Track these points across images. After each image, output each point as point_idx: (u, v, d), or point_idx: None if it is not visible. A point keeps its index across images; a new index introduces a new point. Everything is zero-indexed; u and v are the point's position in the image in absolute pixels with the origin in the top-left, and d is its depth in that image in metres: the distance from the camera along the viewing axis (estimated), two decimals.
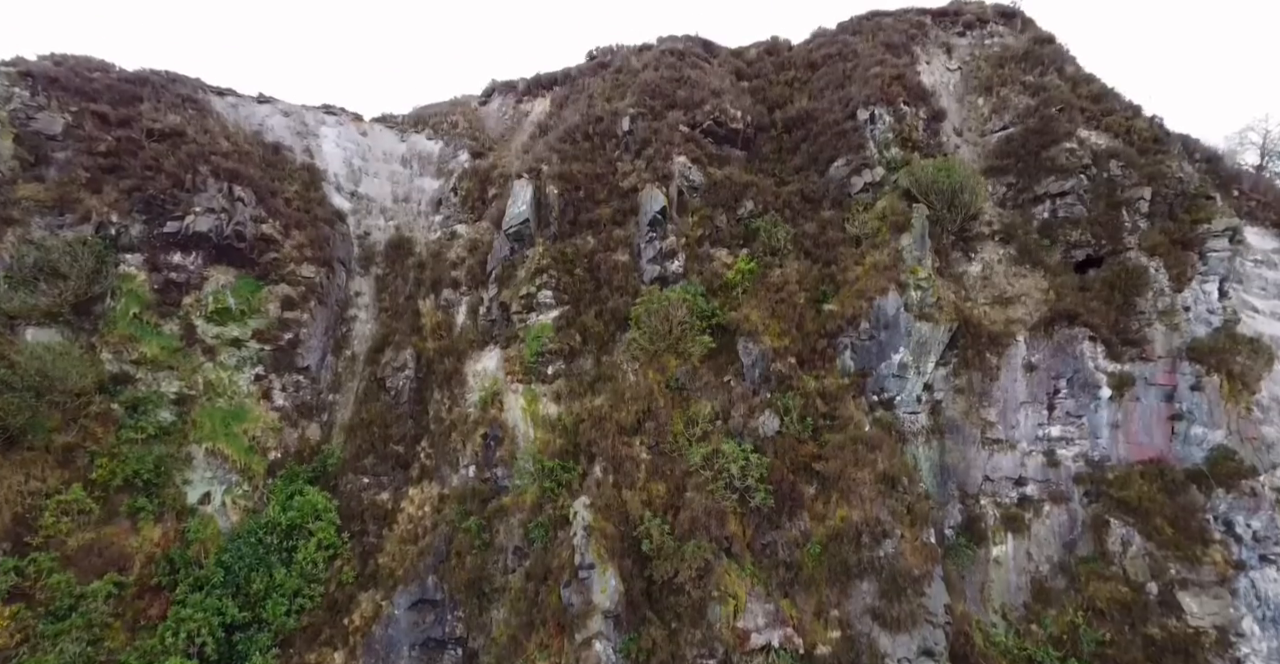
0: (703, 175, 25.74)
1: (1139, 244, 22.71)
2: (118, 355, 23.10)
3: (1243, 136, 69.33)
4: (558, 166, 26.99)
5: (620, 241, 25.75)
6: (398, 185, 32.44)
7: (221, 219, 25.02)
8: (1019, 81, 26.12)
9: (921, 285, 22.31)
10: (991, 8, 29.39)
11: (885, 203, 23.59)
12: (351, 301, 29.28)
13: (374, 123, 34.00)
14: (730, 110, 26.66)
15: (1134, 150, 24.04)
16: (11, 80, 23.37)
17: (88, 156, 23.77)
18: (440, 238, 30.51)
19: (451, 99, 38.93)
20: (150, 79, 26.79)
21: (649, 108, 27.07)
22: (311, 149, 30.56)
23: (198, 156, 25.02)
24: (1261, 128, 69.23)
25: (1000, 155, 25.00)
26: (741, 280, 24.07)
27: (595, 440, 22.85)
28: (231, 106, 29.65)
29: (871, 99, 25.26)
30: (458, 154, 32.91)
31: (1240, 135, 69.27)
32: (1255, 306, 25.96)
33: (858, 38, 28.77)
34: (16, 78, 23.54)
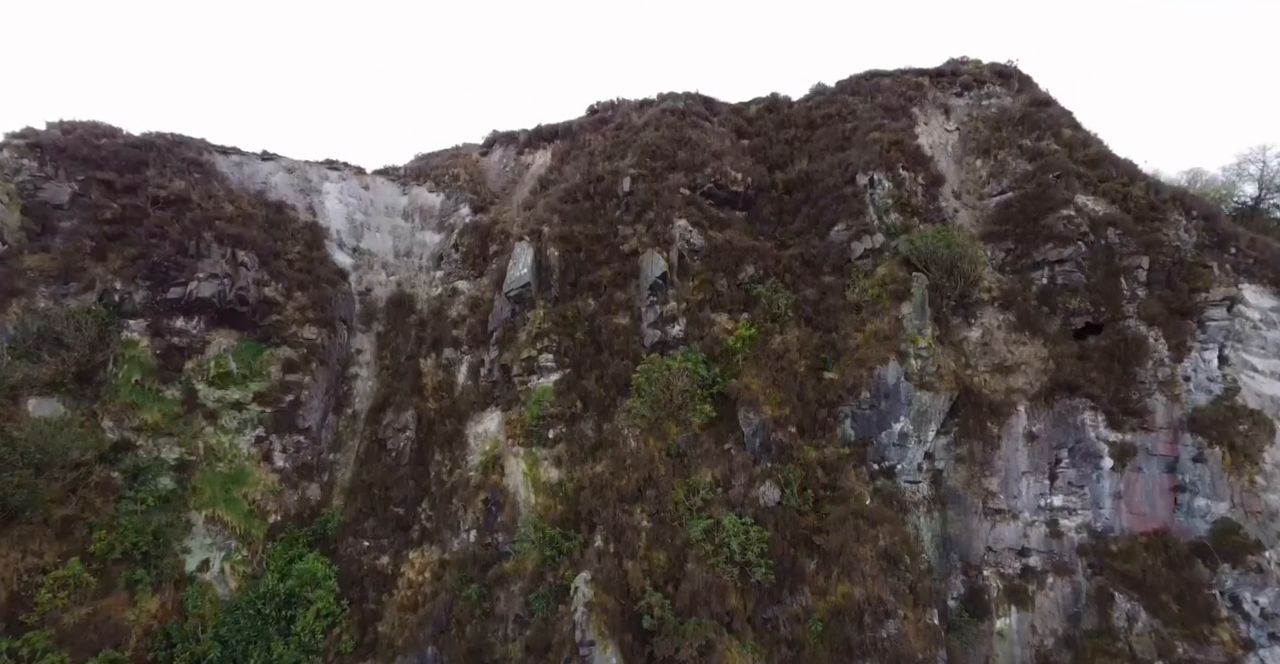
0: (703, 238, 25.89)
1: (1138, 313, 22.76)
2: (119, 423, 23.12)
3: (1241, 168, 69.56)
4: (559, 228, 27.16)
5: (621, 304, 25.83)
6: (399, 239, 32.64)
7: (224, 284, 25.16)
8: (1016, 145, 26.36)
9: (922, 354, 22.36)
10: (988, 68, 29.73)
11: (885, 270, 23.70)
12: (353, 359, 29.33)
13: (376, 175, 34.29)
14: (731, 172, 26.89)
15: (1131, 217, 24.20)
16: (21, 152, 23.65)
17: (93, 224, 23.98)
18: (441, 294, 30.64)
19: (454, 148, 39.29)
20: (156, 143, 27.08)
21: (650, 169, 27.30)
22: (314, 206, 30.79)
23: (202, 223, 25.23)
24: (1259, 159, 69.42)
25: (999, 220, 25.15)
26: (742, 347, 24.10)
27: (596, 509, 22.80)
28: (236, 165, 29.94)
29: (871, 164, 25.49)
30: (459, 207, 33.15)
31: (1239, 167, 69.58)
32: (1255, 366, 25.92)
33: (857, 98, 29.08)
34: (26, 150, 23.82)
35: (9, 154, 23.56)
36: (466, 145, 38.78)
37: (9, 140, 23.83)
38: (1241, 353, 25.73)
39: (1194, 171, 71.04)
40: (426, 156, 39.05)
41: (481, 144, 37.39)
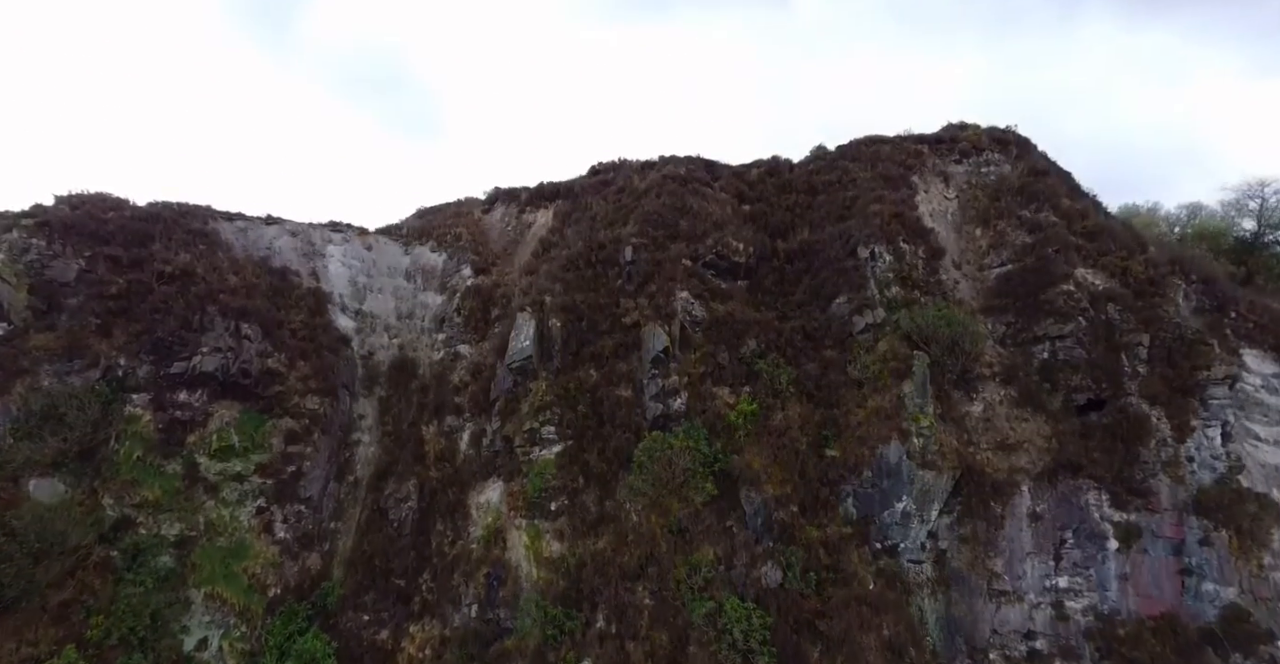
0: (705, 310, 26.02)
1: (1139, 391, 22.77)
2: (119, 500, 23.09)
3: (1240, 204, 69.75)
4: (561, 297, 27.31)
5: (623, 376, 25.87)
6: (401, 301, 32.82)
7: (228, 357, 25.27)
8: (1016, 215, 26.56)
9: (924, 433, 22.34)
10: (986, 133, 30.03)
11: (886, 346, 23.75)
12: (355, 425, 29.33)
13: (379, 235, 34.57)
14: (732, 243, 27.09)
15: (1130, 292, 24.32)
16: (30, 232, 23.93)
17: (99, 301, 24.17)
18: (443, 358, 30.73)
19: (456, 203, 39.68)
20: (162, 215, 27.39)
21: (652, 238, 27.50)
22: (317, 271, 31.02)
23: (205, 296, 25.43)
24: (1258, 194, 69.65)
25: (999, 294, 25.26)
26: (744, 423, 24.10)
27: (599, 587, 22.72)
28: (240, 231, 30.22)
29: (872, 237, 25.66)
30: (461, 268, 33.38)
31: (1238, 203, 69.78)
32: (1258, 434, 25.82)
33: (857, 165, 29.35)
34: (35, 229, 24.11)
35: (18, 234, 23.82)
36: (468, 200, 39.14)
37: (18, 220, 24.10)
38: (1244, 421, 25.65)
39: (1194, 206, 70.93)
40: (428, 212, 39.42)
41: (483, 201, 37.74)
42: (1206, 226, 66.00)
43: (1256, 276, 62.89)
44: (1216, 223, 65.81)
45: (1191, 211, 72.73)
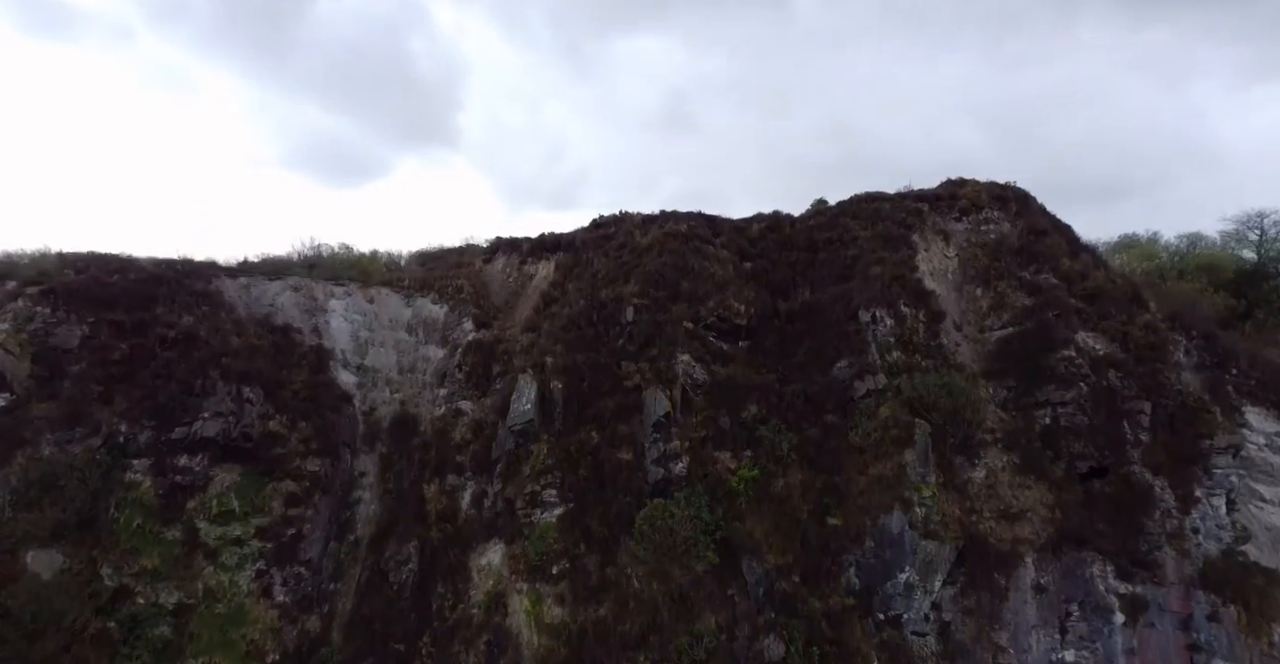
0: (706, 373, 26.06)
1: (1142, 459, 22.67)
2: (118, 570, 22.99)
3: (1239, 234, 69.93)
4: (562, 358, 27.38)
5: (624, 438, 25.84)
6: (403, 355, 32.88)
7: (229, 422, 25.31)
8: (1016, 276, 26.64)
9: (926, 503, 22.22)
10: (986, 190, 30.20)
11: (887, 412, 23.71)
12: (356, 482, 29.24)
13: (381, 287, 34.73)
14: (734, 304, 27.19)
15: (1131, 358, 24.31)
16: (35, 300, 24.12)
17: (101, 366, 24.26)
18: (445, 414, 30.70)
19: (458, 249, 39.95)
20: (166, 276, 27.58)
21: (653, 298, 27.61)
22: (319, 327, 31.12)
23: (208, 360, 25.51)
24: (1256, 225, 69.81)
25: (1000, 357, 25.26)
26: (745, 489, 24.04)
27: (600, 657, 22.55)
28: (244, 288, 30.38)
29: (873, 300, 25.75)
30: (462, 322, 33.48)
31: (1237, 233, 69.95)
32: (1262, 495, 25.67)
33: (857, 222, 29.50)
34: (40, 297, 24.30)
35: (23, 303, 23.99)
36: (469, 248, 39.37)
37: (22, 289, 24.27)
38: (1248, 481, 25.51)
39: (1193, 236, 71.12)
40: (429, 258, 39.65)
41: (484, 250, 37.97)
42: (1206, 260, 65.99)
43: (1257, 310, 62.77)
44: (1216, 254, 65.86)
45: (1190, 241, 72.81)
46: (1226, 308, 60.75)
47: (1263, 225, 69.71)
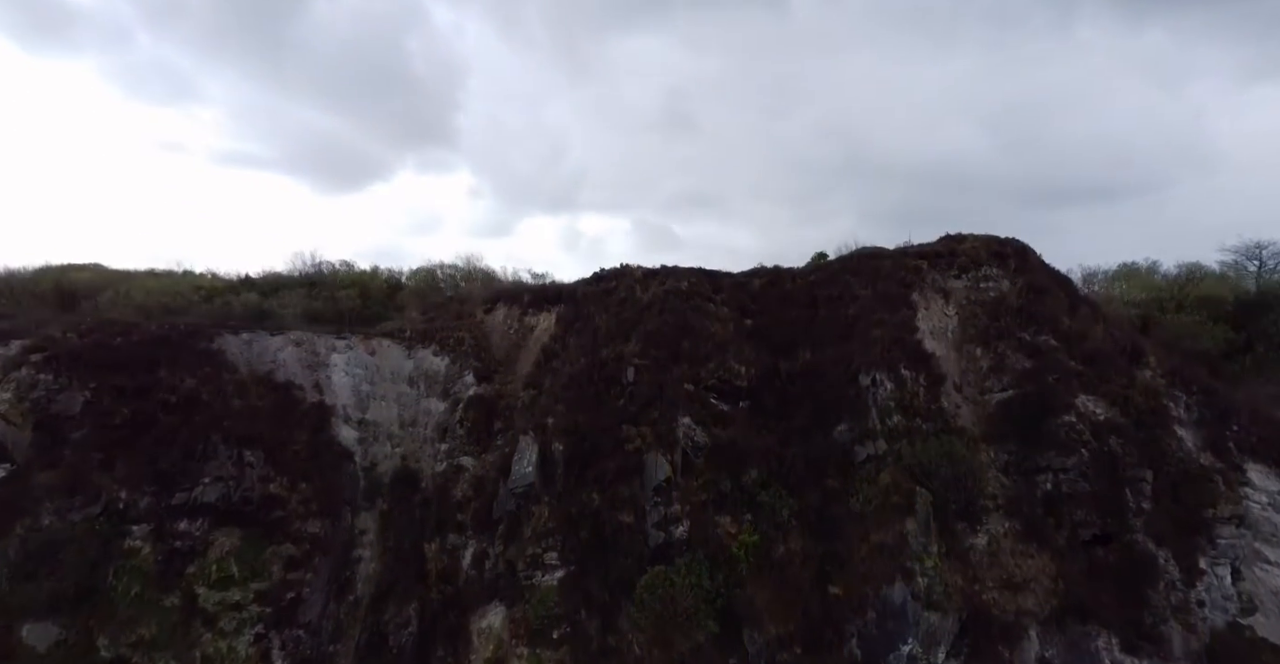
0: (707, 436, 26.08)
1: (1145, 528, 22.61)
2: (115, 641, 22.79)
3: (1238, 265, 70.03)
4: (563, 419, 27.42)
5: (625, 501, 25.77)
6: (404, 408, 32.89)
7: (229, 486, 25.30)
8: (1016, 337, 26.73)
9: (929, 573, 22.11)
10: (984, 246, 30.39)
11: (888, 478, 23.68)
12: (356, 540, 29.10)
13: (383, 339, 34.83)
14: (734, 366, 27.30)
15: (1132, 423, 24.33)
16: (38, 367, 24.19)
17: (103, 432, 24.28)
18: (446, 470, 30.66)
19: (459, 296, 40.16)
20: (169, 337, 27.70)
21: (653, 359, 27.70)
22: (321, 383, 31.18)
23: (209, 424, 25.57)
24: (1255, 255, 69.96)
25: (1001, 420, 25.28)
26: (746, 555, 23.95)
27: None
28: (246, 344, 30.47)
29: (873, 363, 25.83)
30: (464, 375, 33.54)
31: (1236, 264, 70.07)
32: (1267, 557, 25.57)
33: (857, 281, 29.64)
34: (43, 364, 24.38)
35: (27, 371, 24.07)
36: (471, 297, 39.56)
37: (26, 356, 24.36)
38: (1252, 542, 25.43)
39: (1193, 267, 71.28)
40: (430, 308, 39.82)
41: (485, 300, 38.12)
42: (1205, 292, 66.05)
43: (1256, 344, 62.77)
44: (1215, 287, 65.93)
45: (1191, 272, 72.99)
46: (1226, 341, 60.64)
47: (1261, 256, 69.86)
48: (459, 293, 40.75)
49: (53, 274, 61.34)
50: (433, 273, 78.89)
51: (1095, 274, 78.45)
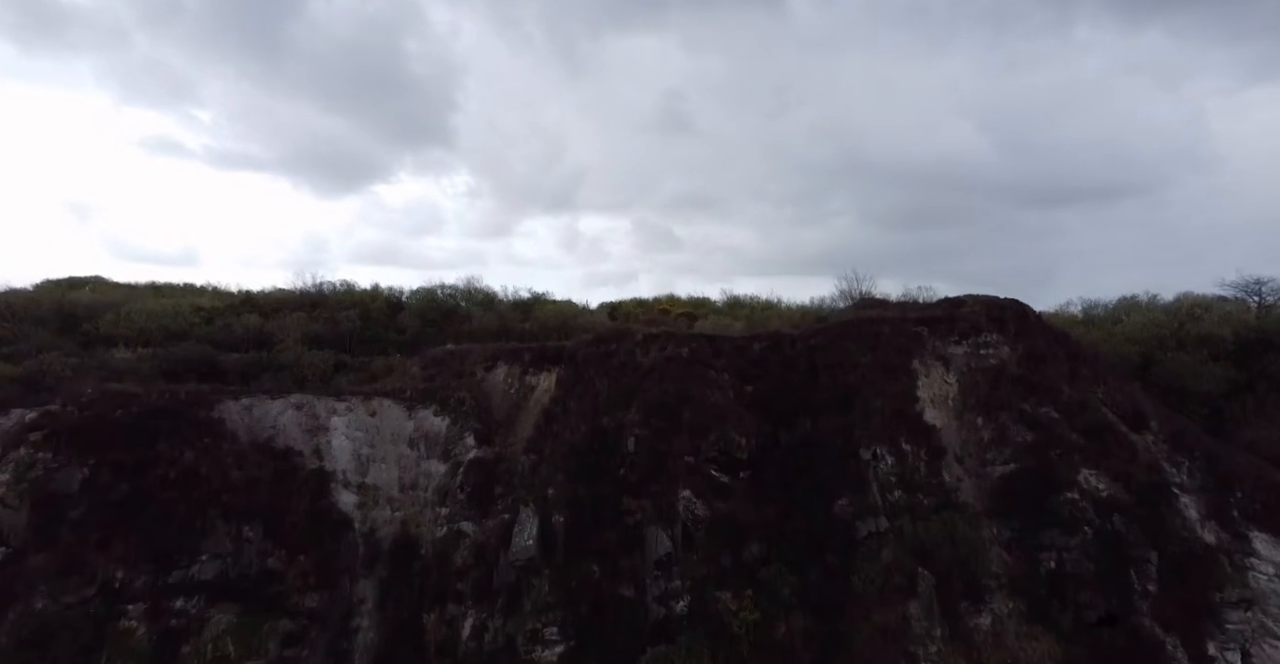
0: (708, 509, 25.96)
1: (1151, 611, 22.39)
2: None
3: (1239, 300, 70.23)
4: (564, 489, 27.40)
5: (626, 574, 25.63)
6: (405, 471, 32.74)
7: (227, 562, 25.13)
8: (1017, 408, 26.72)
9: (932, 658, 21.89)
10: (984, 310, 30.47)
11: (890, 557, 23.56)
12: (355, 610, 28.78)
13: (383, 399, 34.81)
14: (735, 437, 27.24)
15: (1135, 500, 24.20)
16: (38, 446, 24.13)
17: (101, 511, 24.15)
18: (446, 535, 30.44)
19: (460, 353, 40.09)
20: (169, 408, 27.65)
21: (654, 429, 27.68)
22: (321, 448, 31.09)
23: (208, 500, 25.48)
24: (1255, 291, 70.10)
25: (1003, 495, 25.17)
26: (746, 633, 23.71)
27: None
28: (245, 410, 30.44)
29: (874, 437, 25.84)
30: (464, 437, 33.44)
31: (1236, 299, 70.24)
32: (1274, 632, 25.24)
33: (857, 346, 29.66)
34: (42, 442, 24.32)
35: (25, 451, 24.01)
36: (472, 354, 39.48)
37: (26, 434, 24.33)
38: (1260, 616, 25.12)
39: (1195, 301, 71.80)
40: (431, 364, 39.74)
41: (485, 358, 38.12)
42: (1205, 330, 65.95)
43: (1258, 384, 62.58)
44: (1215, 325, 65.88)
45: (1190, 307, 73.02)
46: (1226, 380, 60.47)
47: (1260, 292, 70.13)
48: (460, 348, 40.71)
49: (53, 293, 61.34)
50: (433, 293, 78.96)
51: (1096, 305, 78.42)
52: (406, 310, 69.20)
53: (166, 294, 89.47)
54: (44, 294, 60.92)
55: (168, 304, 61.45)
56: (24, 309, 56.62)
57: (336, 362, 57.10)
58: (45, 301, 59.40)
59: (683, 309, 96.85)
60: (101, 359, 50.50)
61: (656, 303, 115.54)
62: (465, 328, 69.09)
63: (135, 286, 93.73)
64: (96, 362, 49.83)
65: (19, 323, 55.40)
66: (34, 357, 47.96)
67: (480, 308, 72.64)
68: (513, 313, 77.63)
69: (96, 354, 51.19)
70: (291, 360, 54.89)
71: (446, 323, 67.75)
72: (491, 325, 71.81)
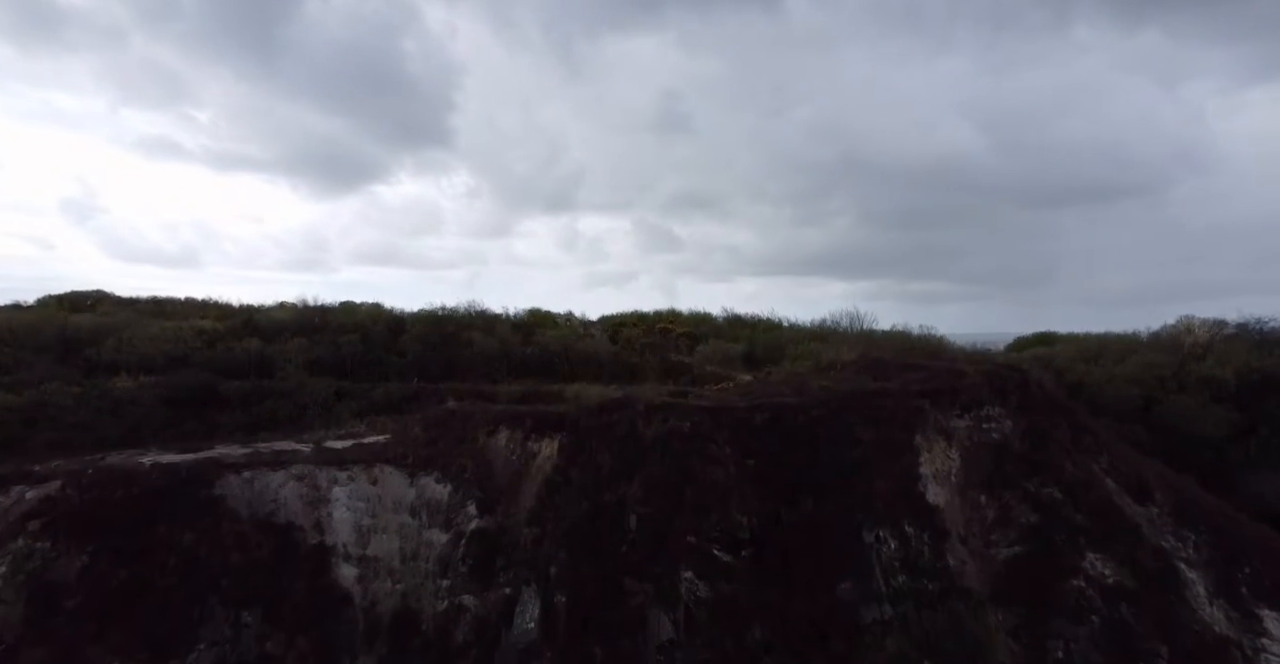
0: (710, 590, 25.73)
1: None
2: None
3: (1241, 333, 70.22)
4: (566, 567, 27.25)
5: (628, 658, 25.32)
6: (406, 541, 32.49)
7: (225, 650, 24.86)
8: (1021, 487, 26.60)
9: None
10: (986, 382, 30.43)
11: (895, 647, 23.30)
12: None
13: (385, 465, 34.67)
14: (737, 517, 27.11)
15: (1142, 587, 23.97)
16: (36, 536, 24.01)
17: (98, 600, 23.94)
18: (447, 609, 30.11)
19: (462, 421, 39.98)
20: (169, 488, 27.56)
21: (656, 507, 27.58)
22: (322, 522, 30.90)
23: (208, 585, 25.30)
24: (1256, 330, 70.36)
25: (1008, 579, 24.95)
26: None
27: None
28: (247, 483, 30.31)
29: (877, 520, 25.68)
30: (466, 505, 33.26)
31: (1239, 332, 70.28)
32: None
33: (859, 419, 29.57)
34: (41, 531, 24.21)
35: (24, 541, 23.89)
36: (474, 415, 39.43)
37: (23, 524, 24.22)
38: None
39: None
40: (433, 426, 39.64)
41: (488, 421, 38.04)
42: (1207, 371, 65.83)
43: (1261, 427, 62.23)
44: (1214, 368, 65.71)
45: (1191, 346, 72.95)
46: (1229, 423, 60.11)
47: (1262, 330, 70.41)
48: (463, 408, 40.59)
49: (55, 318, 61.43)
50: (434, 314, 79.07)
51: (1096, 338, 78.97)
52: (408, 334, 69.58)
53: (169, 308, 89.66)
54: (45, 320, 60.86)
55: (169, 328, 61.77)
56: (25, 334, 56.77)
57: (338, 389, 57.15)
58: (47, 327, 59.62)
59: (684, 328, 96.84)
60: (103, 388, 50.55)
61: (657, 317, 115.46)
62: (466, 353, 69.16)
63: (138, 302, 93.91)
64: (98, 391, 49.89)
65: (20, 349, 55.48)
66: (36, 387, 48.02)
67: (481, 333, 72.92)
68: (513, 336, 77.76)
69: (99, 383, 51.20)
70: (293, 388, 54.99)
71: (447, 347, 67.97)
72: (492, 350, 71.87)
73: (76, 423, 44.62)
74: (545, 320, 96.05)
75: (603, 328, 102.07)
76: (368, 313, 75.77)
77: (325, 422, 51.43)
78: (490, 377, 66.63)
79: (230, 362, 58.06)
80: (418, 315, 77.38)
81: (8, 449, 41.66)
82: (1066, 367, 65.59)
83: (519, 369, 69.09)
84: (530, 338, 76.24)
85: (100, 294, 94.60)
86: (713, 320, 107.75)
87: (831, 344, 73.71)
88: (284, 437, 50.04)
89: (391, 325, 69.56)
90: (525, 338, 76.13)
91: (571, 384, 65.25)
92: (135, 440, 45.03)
